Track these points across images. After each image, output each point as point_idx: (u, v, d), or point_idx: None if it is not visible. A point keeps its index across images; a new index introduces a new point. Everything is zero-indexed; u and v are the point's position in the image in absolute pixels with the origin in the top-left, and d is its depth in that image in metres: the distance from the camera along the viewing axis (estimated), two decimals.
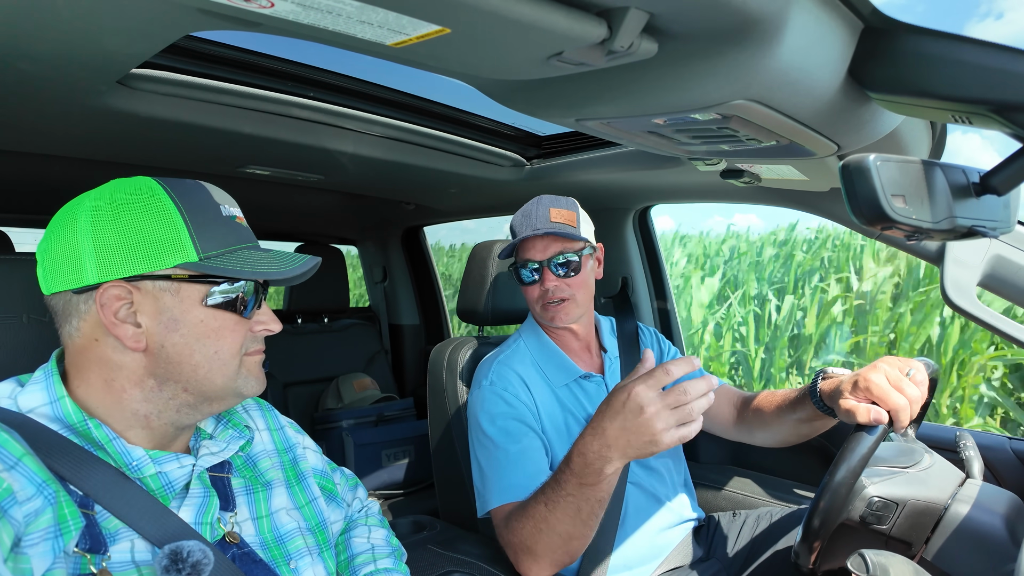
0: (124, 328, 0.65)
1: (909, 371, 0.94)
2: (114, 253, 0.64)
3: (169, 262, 0.66)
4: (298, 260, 0.74)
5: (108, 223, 0.65)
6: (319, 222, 2.79)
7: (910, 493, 0.92)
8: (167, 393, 0.69)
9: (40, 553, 0.54)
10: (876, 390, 0.92)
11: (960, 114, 0.66)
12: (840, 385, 1.00)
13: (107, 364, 0.67)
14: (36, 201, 1.94)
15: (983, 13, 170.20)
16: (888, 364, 0.95)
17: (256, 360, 0.75)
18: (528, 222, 1.26)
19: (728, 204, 6.30)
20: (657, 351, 1.47)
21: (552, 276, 1.26)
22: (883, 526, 0.92)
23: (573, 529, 0.97)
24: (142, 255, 0.65)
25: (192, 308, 0.68)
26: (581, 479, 0.93)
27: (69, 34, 0.74)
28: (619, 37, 0.60)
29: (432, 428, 1.49)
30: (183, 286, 0.67)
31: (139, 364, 0.67)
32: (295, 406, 2.48)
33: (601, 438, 0.89)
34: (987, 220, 0.67)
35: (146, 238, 0.65)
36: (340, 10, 0.56)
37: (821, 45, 0.66)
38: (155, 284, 0.66)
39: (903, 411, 0.90)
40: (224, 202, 0.72)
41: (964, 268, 1.16)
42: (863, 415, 0.91)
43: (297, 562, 0.76)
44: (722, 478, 1.70)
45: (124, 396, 0.67)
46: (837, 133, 0.85)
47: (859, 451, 0.88)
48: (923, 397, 0.93)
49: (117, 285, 0.65)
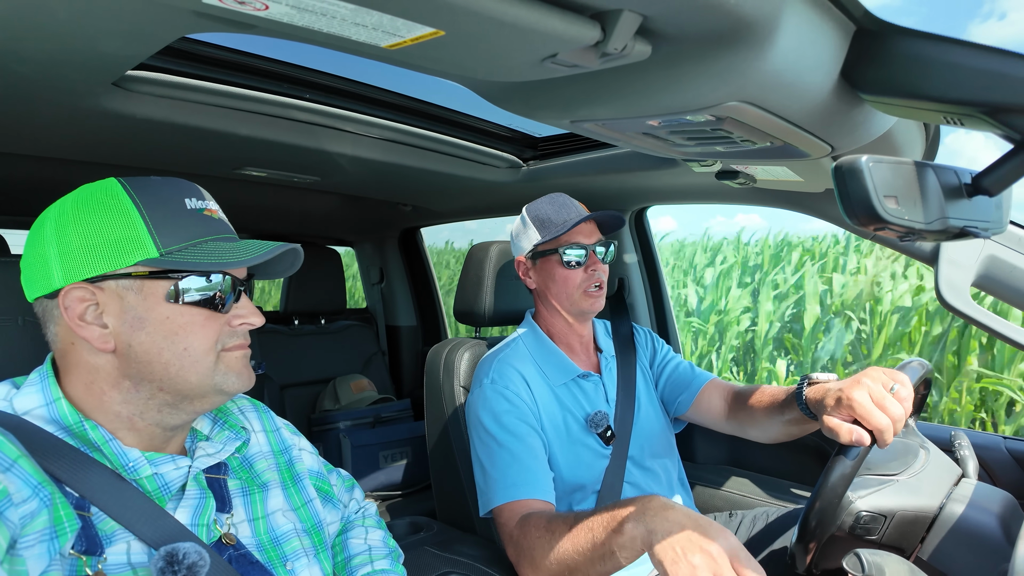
0: (90, 329, 0.65)
1: (893, 387, 0.91)
2: (76, 255, 0.64)
3: (129, 260, 0.65)
4: (265, 247, 0.70)
5: (70, 226, 0.65)
6: (316, 224, 2.79)
7: (898, 503, 0.92)
8: (144, 393, 0.68)
9: (36, 555, 0.54)
10: (859, 408, 0.89)
11: (952, 116, 0.67)
12: (825, 397, 0.97)
13: (85, 367, 0.67)
14: (32, 203, 1.92)
15: (985, 14, 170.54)
16: (871, 379, 0.92)
17: (237, 356, 0.72)
18: (567, 210, 1.30)
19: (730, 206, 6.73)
20: (651, 350, 1.48)
21: (598, 260, 1.30)
22: (873, 536, 0.92)
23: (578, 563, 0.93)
24: (102, 255, 0.64)
25: (156, 305, 0.66)
26: (608, 539, 0.86)
27: (64, 36, 0.74)
28: (612, 39, 0.60)
29: (429, 429, 1.49)
30: (145, 283, 0.66)
31: (112, 366, 0.67)
32: (292, 407, 2.48)
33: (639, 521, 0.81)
34: (979, 221, 0.68)
35: (105, 238, 0.65)
36: (334, 12, 0.57)
37: (814, 47, 0.67)
38: (118, 283, 0.66)
39: (886, 431, 0.87)
40: (191, 195, 0.70)
41: (958, 269, 1.16)
42: (845, 435, 0.89)
43: (293, 563, 0.76)
44: (719, 478, 1.70)
45: (105, 398, 0.67)
46: (830, 134, 0.85)
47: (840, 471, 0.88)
48: (907, 413, 0.90)
49: (79, 287, 0.65)
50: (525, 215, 1.34)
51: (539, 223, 1.31)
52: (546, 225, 1.30)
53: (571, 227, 1.26)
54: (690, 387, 1.38)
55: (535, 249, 1.32)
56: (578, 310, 1.31)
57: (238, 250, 0.69)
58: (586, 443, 1.25)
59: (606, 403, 1.32)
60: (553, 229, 1.29)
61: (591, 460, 1.24)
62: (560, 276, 1.30)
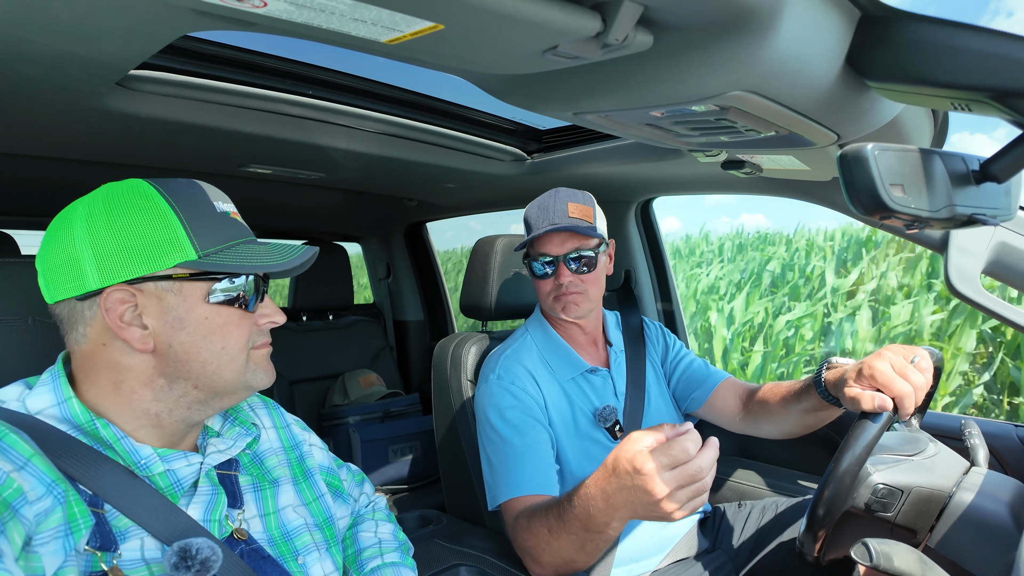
0: (131, 331, 0.66)
1: (914, 358, 0.94)
2: (113, 257, 0.65)
3: (169, 262, 0.66)
4: (296, 251, 0.74)
5: (104, 227, 0.65)
6: (322, 220, 2.79)
7: (915, 480, 0.92)
8: (177, 391, 0.69)
9: (51, 552, 0.55)
10: (881, 377, 0.92)
11: (960, 101, 0.66)
12: (845, 374, 1.00)
13: (116, 367, 0.67)
14: (39, 203, 1.95)
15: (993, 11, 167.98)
16: (892, 352, 0.95)
17: (263, 353, 0.76)
18: (545, 215, 1.25)
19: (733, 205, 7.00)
20: (662, 345, 1.47)
21: (567, 271, 1.25)
22: (888, 513, 0.92)
23: (576, 556, 0.97)
24: (142, 257, 0.65)
25: (196, 306, 0.68)
26: (586, 525, 0.91)
27: (66, 37, 0.74)
28: (613, 30, 0.60)
29: (437, 423, 1.50)
30: (185, 284, 0.68)
31: (148, 365, 0.68)
32: (302, 403, 2.50)
33: (604, 498, 0.86)
34: (987, 208, 0.67)
35: (144, 240, 0.66)
36: (333, 8, 0.57)
37: (818, 34, 0.66)
38: (157, 285, 0.67)
39: (908, 398, 0.90)
40: (217, 198, 0.72)
41: (968, 256, 1.15)
42: (868, 402, 0.91)
43: (305, 558, 0.77)
44: (727, 469, 1.70)
45: (135, 397, 0.68)
46: (836, 122, 0.84)
47: (864, 438, 0.88)
48: (928, 384, 0.93)
49: (120, 289, 0.65)
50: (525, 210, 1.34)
51: (525, 224, 1.31)
52: (528, 227, 1.30)
53: (538, 236, 1.23)
54: (705, 384, 1.38)
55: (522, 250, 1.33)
56: (555, 315, 1.31)
57: (272, 253, 0.72)
58: (595, 438, 1.25)
59: (615, 397, 1.32)
60: (529, 233, 1.28)
61: (600, 454, 1.25)
62: (534, 283, 1.31)
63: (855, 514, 0.93)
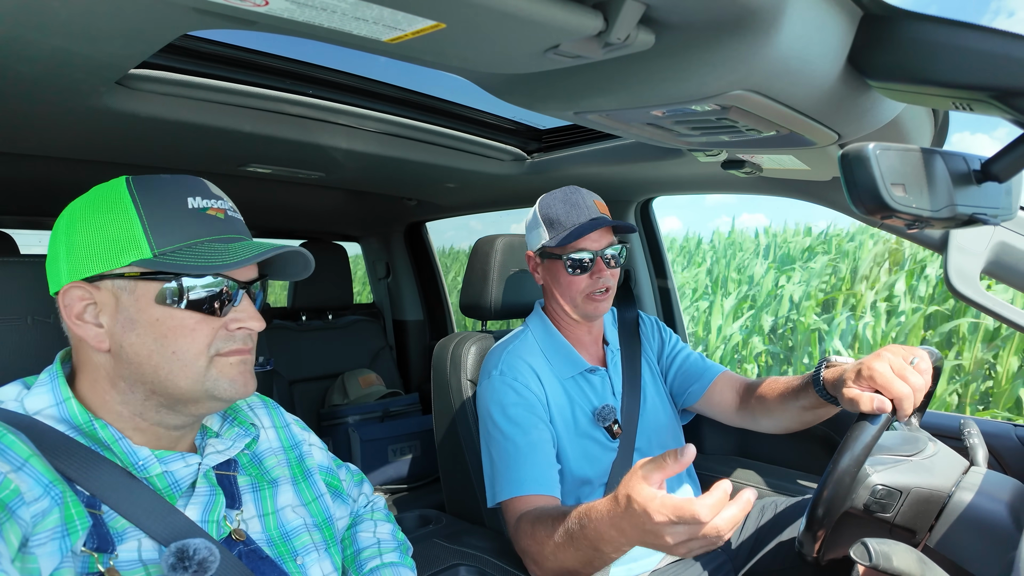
0: (86, 328, 0.66)
1: (913, 359, 0.93)
2: (80, 254, 0.65)
3: (124, 260, 0.65)
4: (258, 248, 0.67)
5: (78, 225, 0.66)
6: (321, 219, 2.79)
7: (914, 481, 0.92)
8: (139, 395, 0.67)
9: (48, 553, 0.55)
10: (879, 378, 0.91)
11: (961, 101, 0.66)
12: (843, 374, 1.00)
13: (90, 365, 0.68)
14: (40, 203, 1.95)
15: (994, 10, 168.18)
16: (892, 352, 0.95)
17: (232, 361, 0.69)
18: (578, 211, 1.25)
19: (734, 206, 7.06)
20: (658, 341, 1.47)
21: (604, 267, 1.26)
22: (887, 514, 0.92)
23: (581, 568, 0.96)
24: (100, 254, 0.65)
25: (147, 307, 0.65)
26: (596, 546, 0.89)
27: (66, 36, 0.74)
28: (615, 29, 0.60)
29: (437, 423, 1.50)
30: (138, 284, 0.66)
31: (109, 365, 0.67)
32: (301, 403, 2.50)
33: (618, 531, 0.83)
34: (988, 207, 0.67)
35: (105, 237, 0.65)
36: (334, 7, 0.56)
37: (820, 33, 0.66)
38: (113, 283, 0.66)
39: (907, 399, 0.90)
40: (196, 194, 0.69)
41: (968, 256, 1.15)
42: (866, 404, 0.91)
43: (303, 558, 0.76)
44: (727, 469, 1.70)
45: (107, 397, 0.68)
46: (837, 122, 0.84)
47: (863, 439, 0.88)
48: (927, 385, 0.92)
49: (77, 286, 0.65)
50: (537, 210, 1.31)
51: (548, 222, 1.28)
52: (555, 226, 1.27)
53: (578, 233, 1.23)
54: (701, 379, 1.38)
55: (542, 249, 1.30)
56: (582, 313, 1.30)
57: (232, 252, 0.67)
58: (594, 436, 1.25)
59: (613, 396, 1.32)
60: (561, 231, 1.26)
61: (598, 454, 1.25)
62: (564, 280, 1.28)
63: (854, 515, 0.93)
